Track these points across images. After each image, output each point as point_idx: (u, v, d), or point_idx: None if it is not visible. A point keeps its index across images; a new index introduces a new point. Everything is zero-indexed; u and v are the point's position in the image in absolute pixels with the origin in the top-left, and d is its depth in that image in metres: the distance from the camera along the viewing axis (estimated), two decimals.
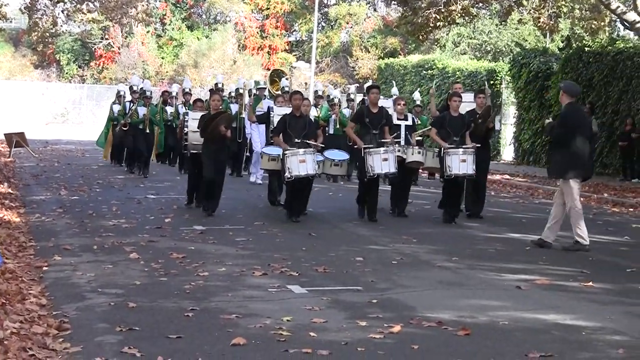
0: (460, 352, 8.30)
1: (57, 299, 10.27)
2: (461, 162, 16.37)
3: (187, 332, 8.82)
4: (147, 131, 25.91)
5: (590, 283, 11.88)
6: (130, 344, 8.29)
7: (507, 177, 29.75)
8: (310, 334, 8.77)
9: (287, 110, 17.92)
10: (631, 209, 22.20)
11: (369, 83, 30.16)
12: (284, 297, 10.60)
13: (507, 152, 39.55)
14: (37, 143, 37.49)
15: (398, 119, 17.61)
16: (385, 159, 16.35)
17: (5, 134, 34.87)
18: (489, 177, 20.12)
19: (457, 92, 18.47)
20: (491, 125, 18.11)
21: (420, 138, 19.11)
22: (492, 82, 38.52)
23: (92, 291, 10.74)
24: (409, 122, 18.00)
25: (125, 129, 26.72)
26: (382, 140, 16.66)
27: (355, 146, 17.05)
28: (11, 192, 21.41)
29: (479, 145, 16.80)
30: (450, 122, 16.91)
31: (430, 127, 18.50)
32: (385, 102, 18.14)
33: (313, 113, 18.52)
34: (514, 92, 37.36)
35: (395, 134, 17.12)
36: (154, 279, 11.54)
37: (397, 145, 17.02)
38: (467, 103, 18.03)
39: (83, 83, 68.06)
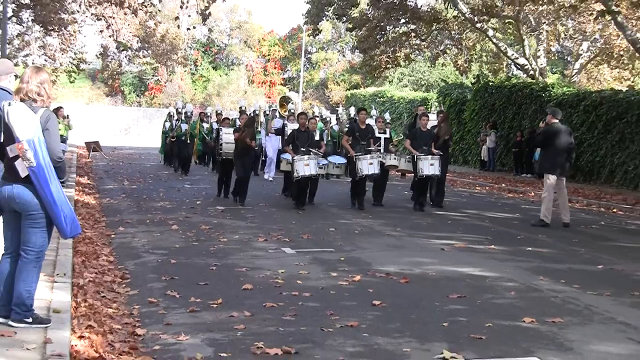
0: (401, 295, 8.35)
1: (121, 257, 10.32)
2: (430, 165, 16.16)
3: (212, 280, 8.85)
4: (188, 142, 25.64)
5: (492, 246, 11.98)
6: (171, 288, 8.34)
7: None
8: (298, 282, 8.82)
9: (297, 126, 17.58)
10: (521, 195, 22.27)
11: (340, 109, 30.04)
12: (279, 256, 10.65)
13: None
14: (108, 149, 37.39)
15: (379, 132, 17.30)
16: (371, 163, 16.07)
17: (85, 142, 34.99)
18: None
19: (426, 112, 18.26)
20: (447, 138, 17.63)
21: (395, 145, 18.77)
22: (425, 106, 38.37)
23: (145, 252, 10.78)
24: (387, 135, 17.65)
25: (173, 140, 26.64)
26: (369, 149, 16.41)
27: (349, 154, 16.75)
28: (89, 182, 21.43)
29: (442, 153, 16.59)
30: (420, 135, 16.64)
31: (405, 138, 18.24)
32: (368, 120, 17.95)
33: None
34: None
35: (377, 143, 16.85)
36: (188, 243, 11.59)
37: (378, 152, 16.70)
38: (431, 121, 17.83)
39: (140, 107, 67.74)
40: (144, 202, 17.18)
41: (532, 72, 34.64)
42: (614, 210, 18.52)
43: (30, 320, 6.06)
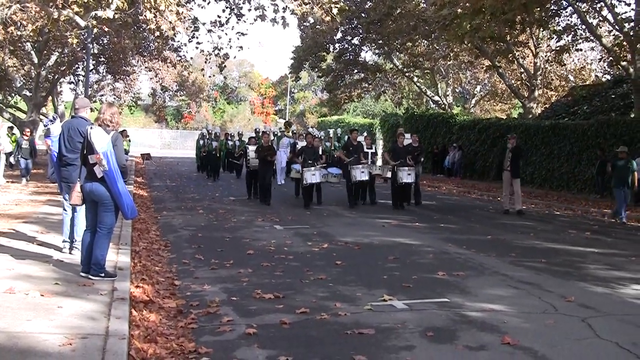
0: (355, 256, 8.35)
1: (164, 232, 10.22)
2: (407, 175, 14.76)
3: (226, 248, 8.79)
4: (218, 155, 24.36)
5: (417, 223, 12.02)
6: (198, 253, 8.28)
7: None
8: (284, 248, 8.79)
9: (304, 143, 16.17)
10: (436, 188, 22.40)
11: (331, 130, 28.93)
12: (272, 231, 10.59)
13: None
14: (156, 158, 37.04)
15: (367, 148, 15.59)
16: (362, 172, 14.74)
17: (141, 154, 34.54)
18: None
19: (402, 132, 16.49)
20: (418, 153, 16.02)
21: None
22: (371, 129, 38.32)
23: (181, 228, 10.68)
24: (373, 150, 16.07)
25: (204, 154, 25.79)
26: (361, 161, 14.92)
27: (344, 162, 15.28)
28: (143, 181, 21.18)
29: (414, 165, 15.14)
30: (399, 150, 15.16)
31: (385, 152, 16.64)
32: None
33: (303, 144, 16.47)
34: (382, 135, 37.29)
35: (366, 156, 15.32)
36: (210, 222, 11.49)
37: (367, 163, 15.14)
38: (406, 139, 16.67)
39: (177, 129, 67.23)
40: (180, 194, 17.03)
41: (443, 105, 34.93)
42: (498, 199, 18.65)
43: (103, 274, 6.06)
